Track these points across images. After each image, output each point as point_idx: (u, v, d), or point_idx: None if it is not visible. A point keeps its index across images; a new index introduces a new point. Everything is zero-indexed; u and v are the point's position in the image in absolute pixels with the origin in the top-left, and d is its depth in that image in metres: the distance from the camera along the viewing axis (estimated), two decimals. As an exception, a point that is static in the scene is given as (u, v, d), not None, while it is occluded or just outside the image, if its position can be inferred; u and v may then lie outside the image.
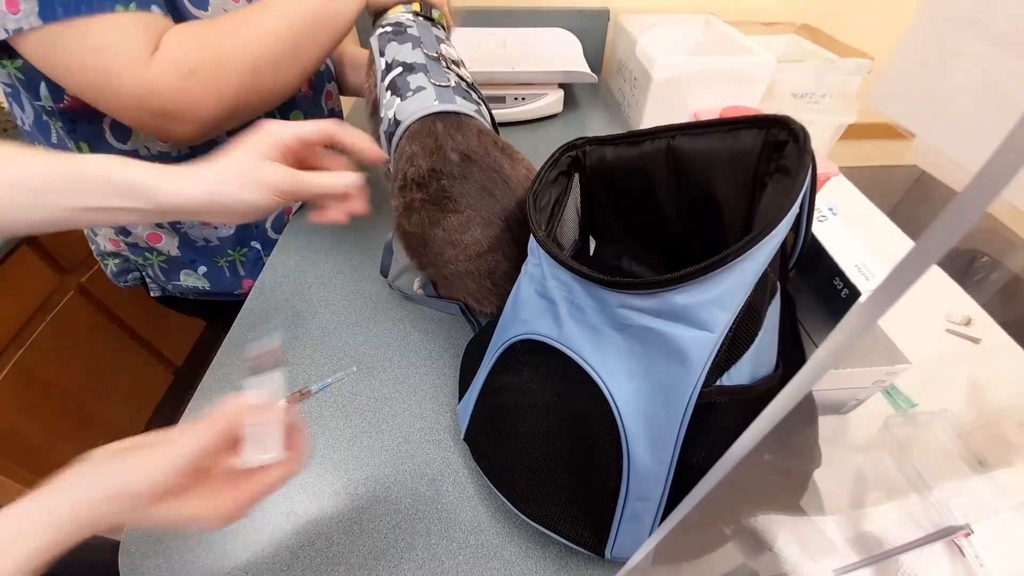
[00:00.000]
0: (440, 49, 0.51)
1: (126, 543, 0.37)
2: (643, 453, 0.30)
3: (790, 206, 0.26)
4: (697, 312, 0.27)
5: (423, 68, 0.47)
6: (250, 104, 0.48)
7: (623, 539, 0.32)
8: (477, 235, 0.43)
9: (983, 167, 0.09)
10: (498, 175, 0.43)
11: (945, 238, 0.09)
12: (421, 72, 0.47)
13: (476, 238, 0.43)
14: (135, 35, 0.40)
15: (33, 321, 0.94)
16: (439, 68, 0.48)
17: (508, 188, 0.43)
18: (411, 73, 0.47)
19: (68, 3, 0.37)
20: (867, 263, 0.37)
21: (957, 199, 0.09)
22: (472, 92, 0.50)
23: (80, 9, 0.37)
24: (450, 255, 0.44)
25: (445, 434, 0.44)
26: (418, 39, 0.50)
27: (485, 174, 0.43)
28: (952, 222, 0.09)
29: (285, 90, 0.51)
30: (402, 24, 0.52)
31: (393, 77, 0.48)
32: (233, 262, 0.65)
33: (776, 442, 0.16)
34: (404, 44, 0.49)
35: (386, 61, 0.49)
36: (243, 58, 0.44)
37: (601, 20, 1.01)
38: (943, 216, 0.09)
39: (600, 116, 0.93)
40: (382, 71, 0.49)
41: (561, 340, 0.33)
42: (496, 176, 0.43)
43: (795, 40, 0.94)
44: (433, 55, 0.49)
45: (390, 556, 0.37)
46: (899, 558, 0.35)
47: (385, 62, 0.49)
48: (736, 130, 0.32)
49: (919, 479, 0.40)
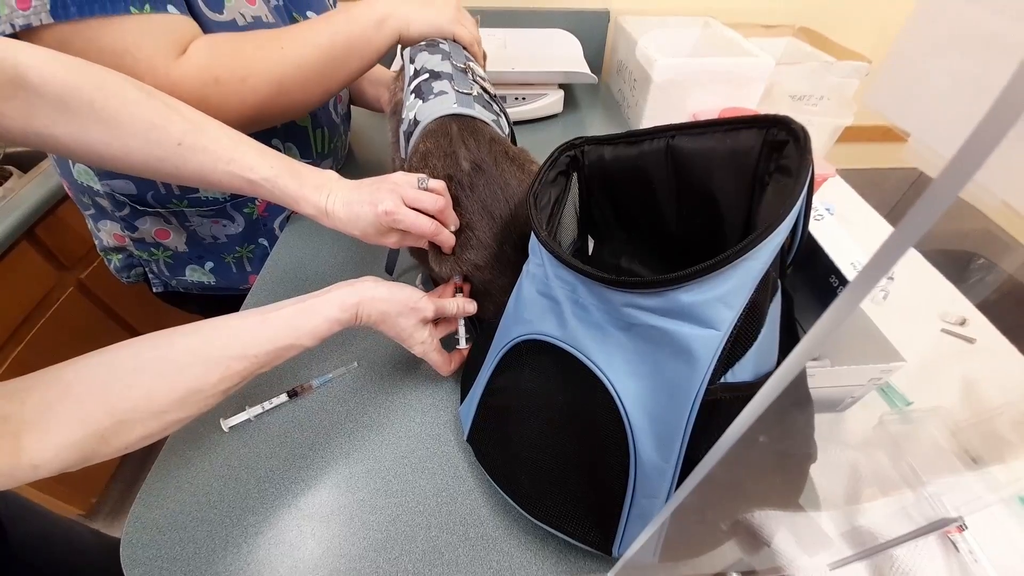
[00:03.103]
0: (468, 63, 0.53)
1: (128, 535, 0.37)
2: (650, 451, 0.30)
3: (793, 205, 0.26)
4: (703, 310, 0.27)
5: (449, 76, 0.49)
6: (272, 117, 0.50)
7: (631, 537, 0.32)
8: (471, 256, 0.43)
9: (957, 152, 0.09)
10: (502, 192, 0.44)
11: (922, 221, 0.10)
12: (447, 80, 0.49)
13: (471, 257, 0.43)
14: (151, 39, 0.40)
15: (32, 317, 0.94)
16: (464, 78, 0.50)
17: (508, 208, 0.43)
18: (437, 80, 0.49)
19: (82, 2, 0.37)
20: (862, 260, 0.38)
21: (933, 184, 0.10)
22: (494, 104, 0.51)
23: (94, 9, 0.37)
24: (449, 267, 0.44)
25: (445, 429, 0.44)
26: (448, 53, 0.52)
27: (489, 190, 0.43)
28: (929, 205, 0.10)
29: (308, 108, 0.54)
30: (435, 40, 0.55)
31: (419, 82, 0.49)
32: (240, 258, 0.66)
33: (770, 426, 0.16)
34: (434, 55, 0.52)
35: (415, 68, 0.51)
36: (271, 75, 0.45)
37: (601, 21, 1.02)
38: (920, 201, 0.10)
39: (600, 117, 0.93)
40: (410, 76, 0.51)
41: (566, 340, 0.33)
42: (500, 193, 0.43)
43: (793, 43, 0.95)
44: (460, 66, 0.51)
45: (391, 548, 0.37)
46: (893, 552, 0.35)
47: (414, 68, 0.51)
48: (736, 130, 0.32)
49: (913, 475, 0.40)
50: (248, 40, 0.46)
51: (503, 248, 0.43)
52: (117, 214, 0.59)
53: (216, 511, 0.39)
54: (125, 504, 1.17)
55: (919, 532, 0.34)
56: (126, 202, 0.57)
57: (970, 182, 0.09)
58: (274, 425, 0.44)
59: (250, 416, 0.44)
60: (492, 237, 0.43)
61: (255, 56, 0.45)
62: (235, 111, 0.45)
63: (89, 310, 1.06)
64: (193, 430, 0.44)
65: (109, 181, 0.56)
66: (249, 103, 0.46)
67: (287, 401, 0.46)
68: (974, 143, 0.08)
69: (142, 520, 0.38)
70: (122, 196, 0.57)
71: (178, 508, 0.39)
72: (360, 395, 0.47)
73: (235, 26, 0.49)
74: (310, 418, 0.45)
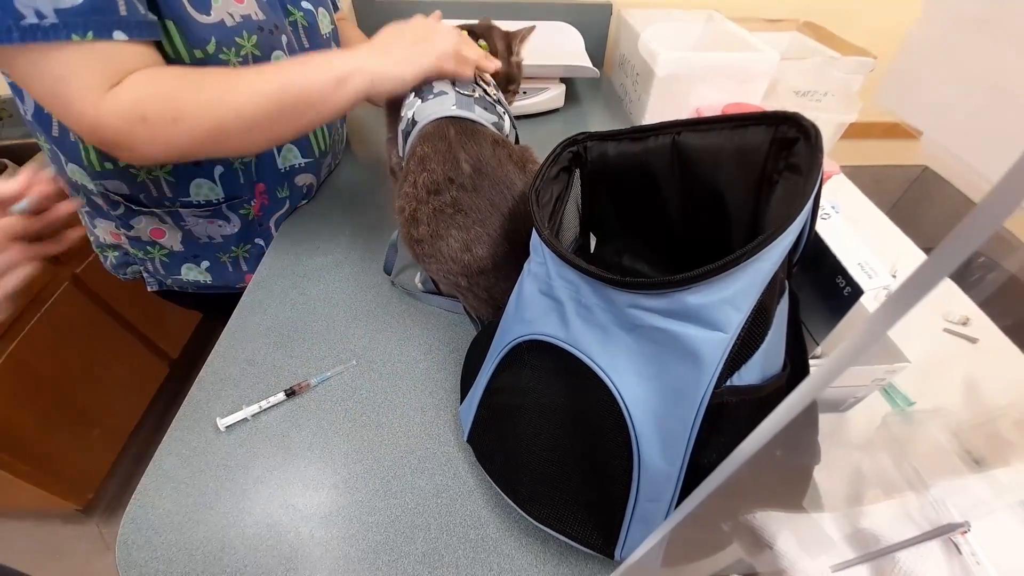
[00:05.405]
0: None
1: (123, 536, 0.37)
2: (654, 454, 0.30)
3: (803, 204, 0.26)
4: (710, 312, 0.27)
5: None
6: (208, 154, 0.48)
7: (633, 541, 0.32)
8: (482, 253, 0.43)
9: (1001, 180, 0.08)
10: (508, 192, 0.43)
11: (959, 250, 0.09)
12: (447, 80, 0.48)
13: (480, 255, 0.43)
14: (87, 70, 0.40)
15: (27, 312, 0.93)
16: (467, 81, 0.49)
17: (515, 206, 0.43)
18: (437, 79, 0.48)
19: (26, 29, 0.37)
20: (869, 261, 0.37)
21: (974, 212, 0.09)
22: (497, 106, 0.50)
23: (36, 36, 0.37)
24: (453, 269, 0.44)
25: (445, 428, 0.44)
26: None
27: (496, 189, 0.42)
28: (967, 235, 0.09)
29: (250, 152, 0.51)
30: None
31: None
32: (236, 258, 0.65)
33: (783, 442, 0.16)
34: None
35: None
36: (206, 120, 0.43)
37: (604, 14, 1.00)
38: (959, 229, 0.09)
39: (602, 111, 0.92)
40: None
41: (568, 341, 0.32)
42: (506, 192, 0.43)
43: (798, 38, 0.94)
44: None
45: (390, 549, 0.36)
46: (896, 555, 0.35)
47: None
48: (744, 127, 0.32)
49: (916, 477, 0.40)
50: (191, 80, 0.43)
51: (514, 246, 0.42)
52: (112, 213, 0.59)
53: (212, 512, 0.38)
54: (121, 500, 1.16)
55: (923, 537, 0.33)
56: (120, 202, 0.57)
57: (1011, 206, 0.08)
58: (271, 424, 0.44)
59: (247, 415, 0.44)
60: (506, 235, 0.42)
61: (192, 99, 0.43)
62: (162, 151, 0.44)
63: (84, 305, 1.05)
64: (189, 429, 0.43)
65: (102, 181, 0.55)
66: (178, 144, 0.44)
67: (284, 400, 0.45)
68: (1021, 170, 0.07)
69: (137, 521, 0.38)
70: (116, 196, 0.56)
71: (174, 509, 0.38)
72: (359, 394, 0.46)
73: (223, 27, 0.48)
74: (308, 417, 0.44)
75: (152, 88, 0.42)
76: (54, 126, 0.51)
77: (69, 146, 0.52)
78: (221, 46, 0.48)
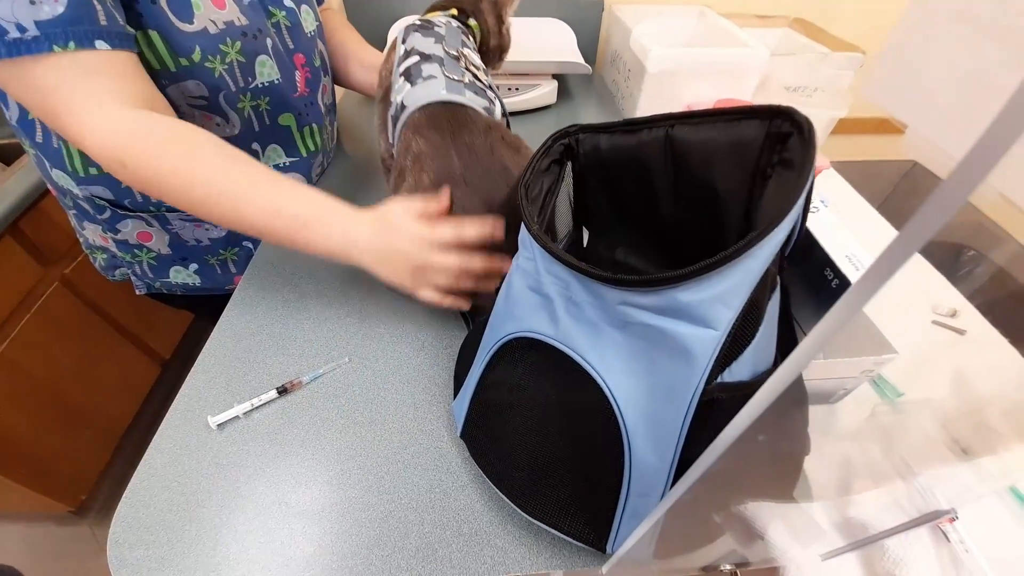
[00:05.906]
0: (463, 51, 0.51)
1: (115, 535, 0.37)
2: (645, 450, 0.30)
3: (796, 200, 0.26)
4: (701, 309, 0.27)
5: (439, 60, 0.47)
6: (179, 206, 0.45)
7: (625, 535, 0.32)
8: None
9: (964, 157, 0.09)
10: (502, 179, 0.42)
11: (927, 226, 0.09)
12: (437, 64, 0.47)
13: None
14: (70, 84, 0.40)
15: (17, 313, 0.92)
16: (456, 65, 0.48)
17: (512, 194, 0.43)
18: (427, 62, 0.47)
19: (11, 44, 0.37)
20: (857, 254, 0.37)
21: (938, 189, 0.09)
22: (488, 91, 0.49)
23: (20, 50, 0.37)
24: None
25: (438, 424, 0.44)
26: (442, 36, 0.50)
27: (488, 178, 0.42)
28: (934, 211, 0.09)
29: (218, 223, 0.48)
30: (431, 22, 0.52)
31: (409, 65, 0.47)
32: (224, 260, 0.64)
33: (768, 425, 0.16)
34: (427, 38, 0.50)
35: (406, 48, 0.49)
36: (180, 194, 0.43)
37: (595, 10, 1.00)
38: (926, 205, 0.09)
39: (594, 107, 0.92)
40: (400, 57, 0.49)
41: (558, 338, 0.32)
42: (500, 181, 0.42)
43: (788, 34, 0.94)
44: (453, 53, 0.49)
45: (384, 544, 0.37)
46: (884, 543, 0.35)
47: (405, 49, 0.49)
48: (738, 120, 0.32)
49: (905, 466, 0.40)
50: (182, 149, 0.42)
51: (508, 236, 0.42)
52: (98, 217, 0.58)
53: (205, 510, 0.38)
54: (115, 501, 1.15)
55: (911, 524, 0.34)
56: (106, 206, 0.56)
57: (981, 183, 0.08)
58: (263, 422, 0.44)
59: (239, 413, 0.44)
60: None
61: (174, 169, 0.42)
62: (137, 187, 0.44)
63: (75, 305, 1.04)
64: (180, 427, 0.43)
65: (88, 186, 0.54)
66: (152, 191, 0.44)
67: (277, 397, 0.45)
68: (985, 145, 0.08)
69: (128, 520, 0.38)
70: (102, 200, 0.56)
71: (166, 507, 0.38)
72: (351, 391, 0.46)
73: (207, 35, 0.47)
74: (300, 414, 0.44)
75: (146, 140, 0.42)
76: (37, 132, 0.51)
77: (52, 152, 0.52)
78: (206, 54, 0.48)
